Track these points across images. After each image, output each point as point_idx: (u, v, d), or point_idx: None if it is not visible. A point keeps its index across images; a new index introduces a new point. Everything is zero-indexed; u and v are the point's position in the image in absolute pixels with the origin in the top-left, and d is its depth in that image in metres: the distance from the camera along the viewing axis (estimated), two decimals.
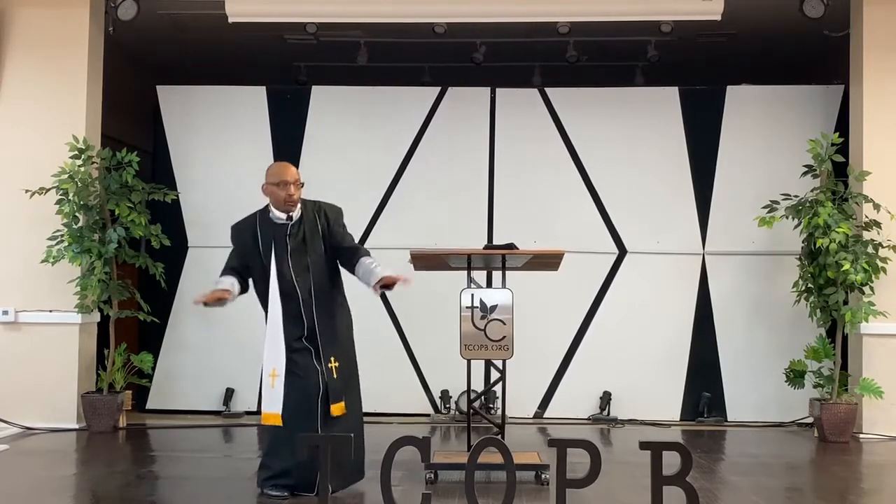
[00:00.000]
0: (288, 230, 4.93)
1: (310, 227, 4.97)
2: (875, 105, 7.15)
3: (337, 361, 4.91)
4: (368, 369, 5.29)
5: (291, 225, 4.94)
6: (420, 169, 7.99)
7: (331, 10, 7.33)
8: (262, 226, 4.98)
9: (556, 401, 7.79)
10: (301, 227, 4.96)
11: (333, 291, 5.02)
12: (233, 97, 8.10)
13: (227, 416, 7.68)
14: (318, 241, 4.97)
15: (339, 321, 5.03)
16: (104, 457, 6.11)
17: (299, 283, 4.88)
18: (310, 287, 4.90)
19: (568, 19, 7.68)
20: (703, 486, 5.08)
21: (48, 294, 7.03)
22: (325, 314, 4.93)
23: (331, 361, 4.88)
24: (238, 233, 5.06)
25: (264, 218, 5.00)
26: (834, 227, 6.76)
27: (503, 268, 5.42)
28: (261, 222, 4.99)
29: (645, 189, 7.88)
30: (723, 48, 8.75)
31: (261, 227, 4.97)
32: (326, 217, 5.03)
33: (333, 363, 4.88)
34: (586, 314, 7.84)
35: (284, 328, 4.85)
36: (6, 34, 7.20)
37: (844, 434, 6.73)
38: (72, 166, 6.91)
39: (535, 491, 5.01)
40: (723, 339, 7.76)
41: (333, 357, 4.89)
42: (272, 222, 4.96)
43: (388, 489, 3.70)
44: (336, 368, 4.88)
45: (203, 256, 7.95)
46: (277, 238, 4.92)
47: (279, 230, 4.94)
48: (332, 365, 4.87)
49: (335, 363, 4.89)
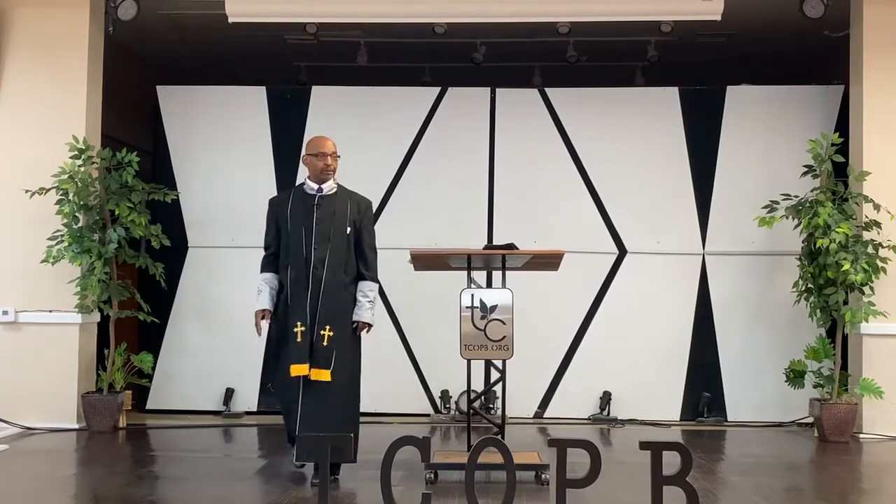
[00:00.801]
0: (316, 200, 5.25)
1: (340, 207, 5.27)
2: (875, 105, 7.15)
3: (332, 331, 5.09)
4: (368, 369, 5.30)
5: (321, 196, 5.26)
6: (420, 169, 7.99)
7: (331, 10, 7.32)
8: (295, 195, 5.36)
9: (556, 401, 7.79)
10: (332, 202, 5.27)
11: (346, 271, 5.23)
12: (233, 97, 8.10)
13: (227, 416, 7.68)
14: (344, 223, 5.25)
15: (344, 299, 5.21)
16: (104, 457, 6.11)
17: (316, 251, 5.15)
18: (324, 259, 5.16)
19: (568, 19, 7.68)
20: (703, 486, 5.08)
21: (48, 294, 7.03)
22: (332, 287, 5.15)
23: (325, 329, 5.08)
24: (274, 204, 5.41)
25: (299, 189, 5.40)
26: (834, 228, 6.76)
27: (503, 268, 5.42)
28: (295, 193, 5.39)
29: (645, 189, 7.88)
30: (723, 48, 8.75)
31: (293, 197, 5.34)
32: (358, 205, 5.35)
33: (327, 331, 5.08)
34: (586, 314, 7.84)
35: (292, 290, 5.14)
36: (6, 34, 7.20)
37: (844, 434, 6.73)
38: (72, 166, 6.91)
39: (535, 491, 5.01)
40: (723, 339, 7.76)
41: (329, 326, 5.09)
42: (304, 192, 5.32)
43: (388, 489, 3.70)
44: (329, 337, 5.07)
45: (203, 256, 7.96)
46: (307, 206, 5.25)
47: (309, 199, 5.27)
48: (324, 332, 5.07)
49: (329, 332, 5.08)
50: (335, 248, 5.18)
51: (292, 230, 5.19)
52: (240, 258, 7.86)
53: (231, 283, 7.85)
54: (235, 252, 7.88)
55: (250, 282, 7.88)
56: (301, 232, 5.18)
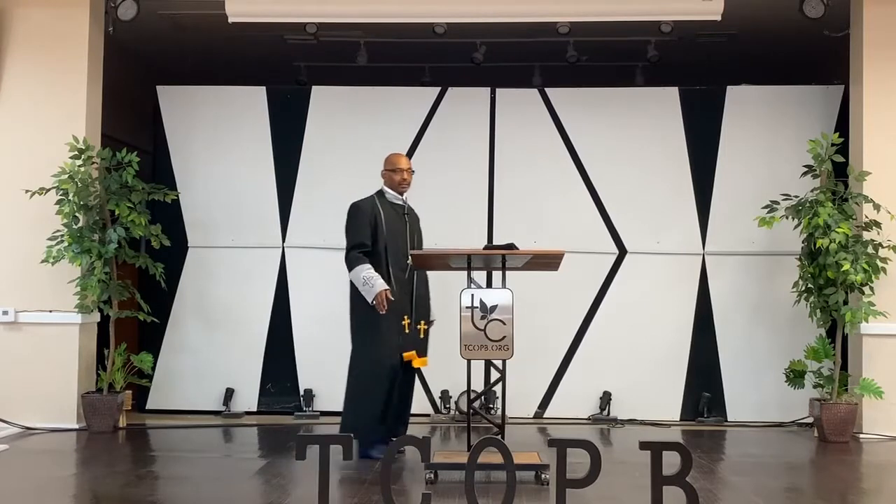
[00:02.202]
0: (406, 209, 5.94)
1: (413, 216, 6.05)
2: (875, 105, 7.15)
3: (426, 325, 5.90)
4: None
5: (406, 206, 5.96)
6: (420, 169, 7.94)
7: (331, 10, 7.32)
8: (381, 203, 5.88)
9: (556, 401, 7.79)
10: (412, 211, 6.04)
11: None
12: (233, 97, 8.10)
13: (227, 416, 7.68)
14: (418, 228, 6.05)
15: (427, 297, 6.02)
16: (104, 457, 6.11)
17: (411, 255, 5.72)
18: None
19: (568, 19, 7.68)
20: (703, 486, 5.07)
21: (48, 294, 7.02)
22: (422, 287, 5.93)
23: (420, 324, 5.85)
24: (361, 209, 5.87)
25: (381, 198, 5.92)
26: (834, 228, 6.76)
27: (503, 268, 5.42)
28: (380, 201, 5.90)
29: (645, 189, 7.88)
30: (723, 48, 8.75)
31: (381, 205, 5.87)
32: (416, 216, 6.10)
33: (422, 325, 5.86)
34: (586, 314, 7.84)
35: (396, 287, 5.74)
36: (6, 34, 7.20)
37: (844, 434, 6.73)
38: (72, 166, 6.91)
39: (535, 491, 5.01)
40: (723, 339, 7.76)
41: (423, 321, 5.87)
42: (390, 202, 5.91)
43: (388, 489, 3.70)
44: (424, 331, 5.88)
45: (203, 256, 7.96)
46: (398, 214, 5.90)
47: (398, 208, 5.93)
48: (420, 326, 5.84)
49: (424, 326, 5.88)
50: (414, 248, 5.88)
51: (389, 235, 5.78)
52: (240, 258, 7.87)
53: (231, 283, 7.85)
54: (235, 252, 7.88)
55: (250, 281, 7.99)
56: (397, 238, 5.82)
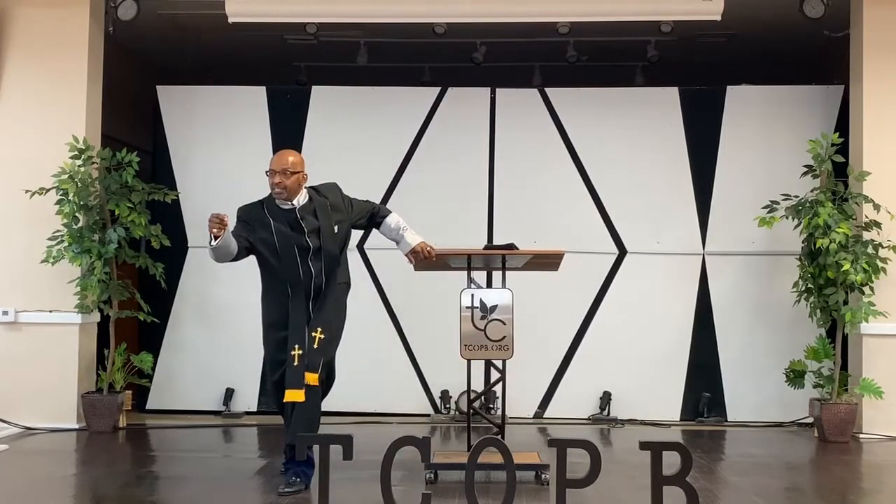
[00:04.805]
0: (298, 214, 5.00)
1: (321, 210, 5.03)
2: (875, 105, 7.15)
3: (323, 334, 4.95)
4: (368, 369, 5.32)
5: (300, 209, 5.01)
6: (420, 169, 7.99)
7: (331, 10, 7.32)
8: (269, 208, 5.04)
9: (556, 401, 7.79)
10: (313, 211, 5.02)
11: (337, 272, 5.07)
12: (233, 97, 8.10)
13: (227, 416, 7.68)
14: (328, 222, 5.03)
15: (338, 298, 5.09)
16: (104, 457, 6.12)
17: (312, 265, 4.96)
18: (320, 268, 4.98)
19: (568, 19, 7.68)
20: (703, 486, 5.08)
21: (48, 294, 7.02)
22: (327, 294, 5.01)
23: (316, 332, 4.93)
24: (246, 211, 5.11)
25: (271, 205, 5.06)
26: (834, 228, 6.76)
27: (503, 268, 5.42)
28: (268, 206, 5.05)
29: (645, 189, 7.88)
30: (723, 48, 8.75)
31: (269, 210, 5.03)
32: (326, 196, 5.12)
33: (318, 334, 4.93)
34: (586, 314, 7.84)
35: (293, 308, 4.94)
36: (6, 34, 7.20)
37: (844, 434, 6.73)
38: (72, 166, 6.91)
39: (535, 491, 5.01)
40: (723, 339, 7.76)
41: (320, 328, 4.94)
42: (280, 208, 5.03)
43: (388, 489, 3.70)
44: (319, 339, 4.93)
45: (203, 256, 7.89)
46: (291, 222, 4.98)
47: (289, 214, 5.01)
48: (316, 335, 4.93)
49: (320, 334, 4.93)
50: (326, 250, 5.00)
51: (282, 249, 4.96)
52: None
53: (231, 283, 7.84)
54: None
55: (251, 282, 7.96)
56: (290, 252, 4.96)
